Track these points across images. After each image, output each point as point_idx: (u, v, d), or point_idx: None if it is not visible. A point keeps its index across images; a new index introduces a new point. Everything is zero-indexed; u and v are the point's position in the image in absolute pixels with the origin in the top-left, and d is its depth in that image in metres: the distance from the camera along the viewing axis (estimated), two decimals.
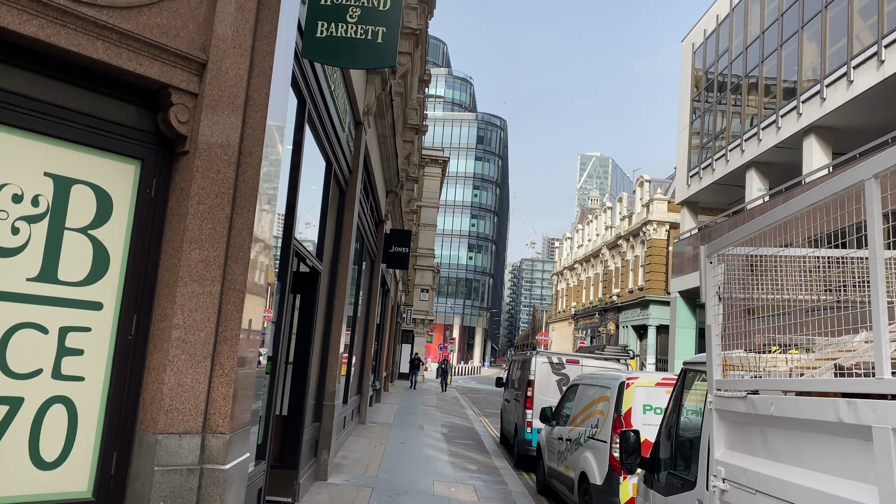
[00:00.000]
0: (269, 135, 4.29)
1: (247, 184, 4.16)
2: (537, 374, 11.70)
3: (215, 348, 4.03)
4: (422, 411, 20.41)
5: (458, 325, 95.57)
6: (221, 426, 3.99)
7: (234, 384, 4.03)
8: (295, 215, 5.98)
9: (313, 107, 6.42)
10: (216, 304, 4.02)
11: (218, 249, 4.04)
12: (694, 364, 4.84)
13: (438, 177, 46.67)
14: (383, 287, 20.25)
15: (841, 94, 21.28)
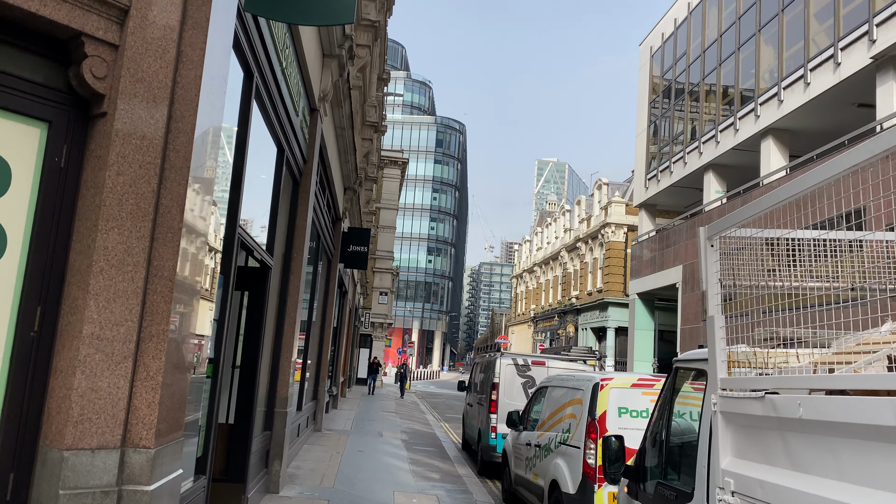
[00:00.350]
0: (205, 99, 3.68)
1: (178, 153, 3.54)
2: (502, 377, 11.22)
3: (138, 347, 3.39)
4: (381, 417, 19.75)
5: (418, 329, 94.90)
6: (145, 439, 3.36)
7: (160, 389, 3.40)
8: (240, 201, 5.36)
9: (262, 82, 5.81)
10: (139, 295, 3.39)
11: (142, 229, 3.41)
12: (687, 361, 4.38)
13: (398, 178, 46.06)
14: (341, 288, 19.57)
15: (798, 97, 21.44)
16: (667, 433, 4.39)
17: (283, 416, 8.23)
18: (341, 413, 19.83)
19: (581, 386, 7.10)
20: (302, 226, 8.49)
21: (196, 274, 3.90)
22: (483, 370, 12.73)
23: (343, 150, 12.58)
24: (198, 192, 3.79)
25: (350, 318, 28.01)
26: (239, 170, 5.37)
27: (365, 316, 39.76)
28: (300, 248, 8.46)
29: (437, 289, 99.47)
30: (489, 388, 11.43)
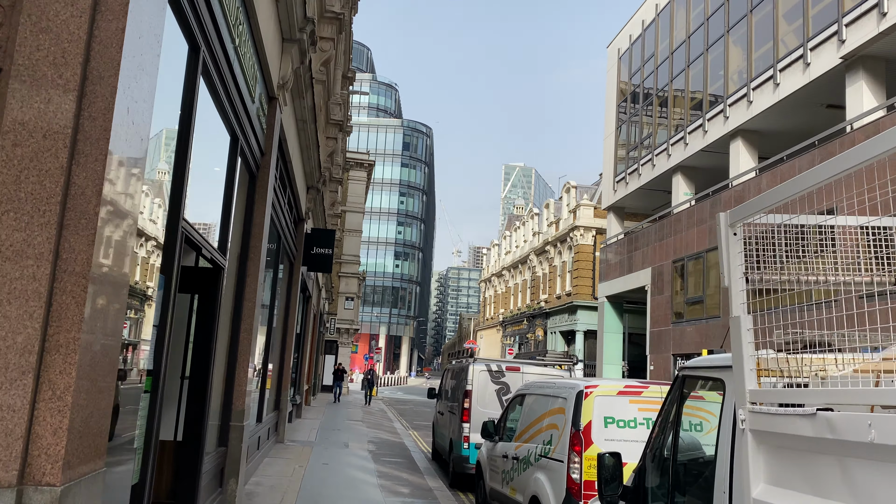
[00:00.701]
0: (131, 57, 3.05)
1: (94, 122, 2.90)
2: (475, 384, 10.65)
3: (42, 359, 2.74)
4: (346, 426, 19.03)
5: (385, 335, 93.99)
6: (50, 474, 2.70)
7: (71, 412, 2.75)
8: (184, 189, 4.70)
9: (211, 58, 5.16)
10: (43, 294, 2.74)
11: (47, 214, 2.76)
12: (698, 369, 3.86)
13: (364, 181, 45.30)
14: (304, 293, 18.82)
15: (767, 98, 21.38)
16: (674, 450, 3.87)
17: (239, 430, 7.54)
18: (305, 422, 19.06)
19: (563, 394, 6.56)
20: (259, 224, 7.83)
21: (122, 271, 3.25)
22: (454, 377, 12.13)
23: (305, 146, 11.91)
24: (123, 171, 3.15)
25: (315, 323, 27.21)
26: (183, 153, 4.71)
27: (330, 322, 38.89)
28: (257, 247, 7.78)
29: (404, 294, 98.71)
30: (461, 396, 10.85)
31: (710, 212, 23.96)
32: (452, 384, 12.17)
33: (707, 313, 23.69)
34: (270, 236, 11.05)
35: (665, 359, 26.51)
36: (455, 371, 12.26)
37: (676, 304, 26.16)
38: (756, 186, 21.35)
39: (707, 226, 24.13)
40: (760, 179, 21.19)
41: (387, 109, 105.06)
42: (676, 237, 26.46)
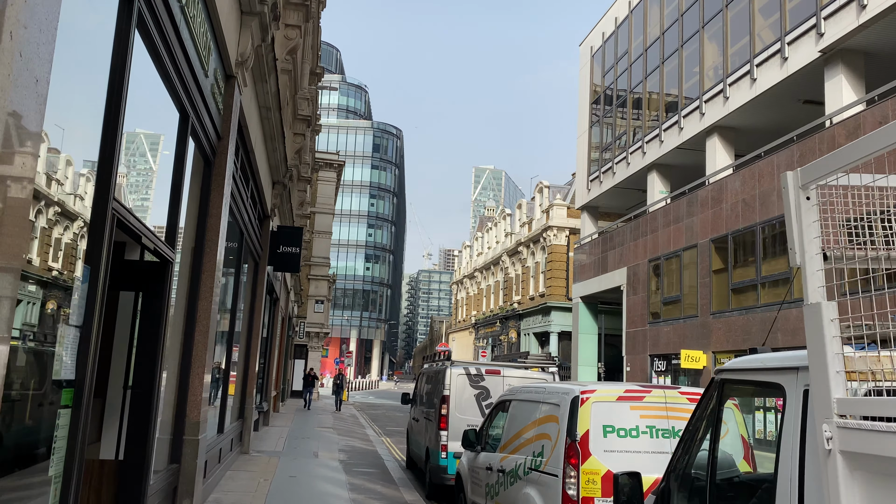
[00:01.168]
0: None
1: None
2: (453, 389, 9.95)
3: None
4: (316, 434, 18.18)
5: (356, 339, 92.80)
6: None
7: None
8: (115, 164, 3.92)
9: (150, 11, 4.39)
10: None
11: None
12: (743, 371, 3.21)
13: (334, 182, 44.36)
14: (271, 295, 17.95)
15: (744, 93, 21.11)
16: (710, 470, 3.22)
17: (193, 444, 6.74)
18: (273, 430, 18.18)
19: (555, 400, 5.90)
20: (217, 215, 7.03)
21: (13, 250, 2.48)
22: (430, 381, 11.39)
23: (270, 136, 11.11)
24: (17, 122, 2.39)
25: (283, 327, 26.27)
26: (114, 120, 3.94)
27: (300, 325, 37.89)
28: (214, 241, 6.99)
29: (375, 297, 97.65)
30: (438, 402, 10.13)
31: (687, 210, 23.64)
32: (428, 389, 11.44)
33: (684, 312, 23.34)
34: (232, 233, 10.24)
35: (642, 359, 26.12)
36: (430, 375, 11.53)
37: (653, 303, 25.80)
38: (733, 183, 21.05)
39: (683, 224, 23.81)
40: (738, 176, 20.90)
41: (356, 111, 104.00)
42: (652, 236, 26.11)
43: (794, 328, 17.78)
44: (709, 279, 22.03)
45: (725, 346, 20.74)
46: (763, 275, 19.32)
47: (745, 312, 19.89)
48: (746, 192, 20.39)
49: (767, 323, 18.79)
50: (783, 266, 18.62)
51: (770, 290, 19.15)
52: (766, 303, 19.09)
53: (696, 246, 22.89)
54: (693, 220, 23.32)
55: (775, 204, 19.01)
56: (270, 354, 20.29)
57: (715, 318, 21.43)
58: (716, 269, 21.90)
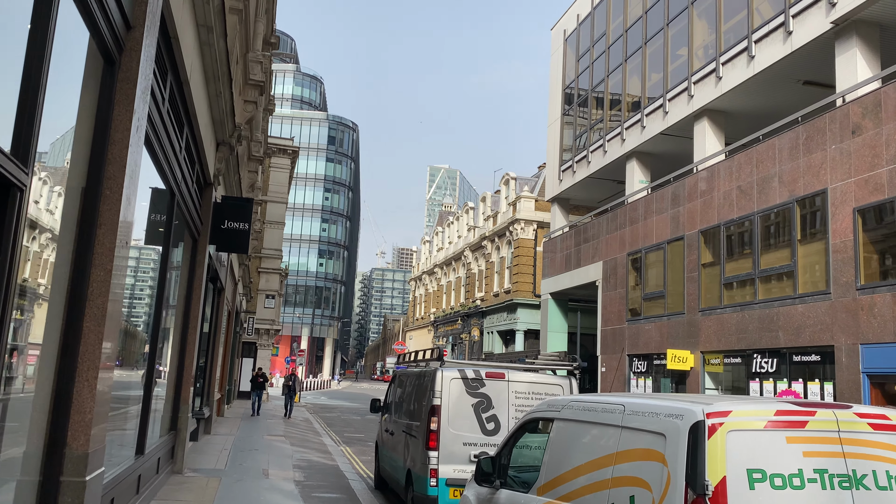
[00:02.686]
0: None
1: None
2: (446, 397, 7.79)
3: None
4: (266, 445, 15.79)
5: (307, 337, 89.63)
6: None
7: None
8: None
9: None
10: None
11: None
12: None
13: (287, 169, 41.69)
14: (214, 283, 15.49)
15: (740, 72, 19.51)
16: None
17: (77, 489, 4.42)
18: (215, 441, 15.71)
19: (657, 425, 3.72)
20: (122, 143, 4.71)
21: None
22: (412, 386, 9.16)
23: (213, 75, 8.76)
24: None
25: (230, 322, 23.68)
26: None
27: (248, 321, 35.17)
28: (118, 180, 4.67)
29: (328, 294, 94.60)
30: (426, 413, 7.96)
31: (672, 199, 22.00)
32: (410, 396, 9.21)
33: (668, 309, 21.67)
34: (160, 199, 7.87)
35: (619, 360, 24.41)
36: (412, 378, 9.30)
37: (632, 299, 24.10)
38: (727, 170, 19.45)
39: (668, 214, 22.15)
40: (732, 162, 19.29)
41: (311, 102, 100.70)
42: (631, 228, 24.42)
43: (798, 326, 16.21)
44: (697, 273, 20.39)
45: (717, 346, 19.11)
46: (762, 268, 17.72)
47: (739, 309, 18.26)
48: (742, 179, 18.78)
49: (766, 320, 17.20)
50: (785, 258, 17.03)
51: (770, 284, 17.54)
52: (765, 298, 17.48)
53: (683, 238, 21.24)
54: (679, 209, 21.67)
55: (777, 190, 17.43)
56: (214, 352, 17.79)
57: (704, 316, 19.78)
58: (705, 263, 20.27)
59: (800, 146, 16.79)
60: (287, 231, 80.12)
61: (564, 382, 8.18)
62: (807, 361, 16.24)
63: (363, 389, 74.39)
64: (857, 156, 15.10)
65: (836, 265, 15.34)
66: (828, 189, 15.78)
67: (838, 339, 15.15)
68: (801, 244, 16.65)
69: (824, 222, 15.89)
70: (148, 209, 7.30)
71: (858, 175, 15.01)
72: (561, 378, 8.23)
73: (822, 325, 15.59)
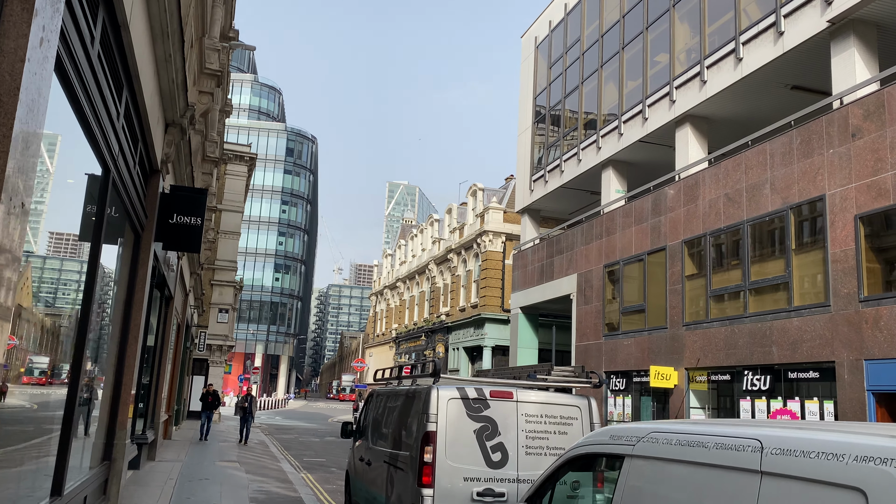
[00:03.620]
0: None
1: None
2: (442, 421, 6.35)
3: None
4: (218, 473, 14.04)
5: (262, 354, 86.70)
6: None
7: None
8: None
9: None
10: None
11: None
12: None
13: (244, 177, 39.79)
14: (162, 291, 13.77)
15: (727, 76, 18.72)
16: None
17: None
18: (160, 469, 13.91)
19: (840, 474, 2.26)
20: (17, 51, 3.23)
21: None
22: (399, 408, 7.64)
23: (161, 31, 7.25)
24: None
25: (179, 336, 21.77)
26: None
27: (200, 336, 33.05)
28: (9, 99, 3.18)
29: (284, 309, 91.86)
30: (417, 442, 6.50)
31: (653, 209, 21.05)
32: (393, 419, 7.71)
33: (649, 323, 20.62)
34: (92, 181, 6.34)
35: None
36: (398, 399, 7.81)
37: (610, 313, 23.04)
38: (712, 177, 18.58)
39: (648, 224, 21.19)
40: (718, 169, 18.43)
41: (269, 113, 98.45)
42: (609, 238, 23.42)
43: (795, 340, 15.27)
44: (681, 286, 19.40)
45: (704, 362, 18.08)
46: (752, 279, 16.78)
47: (728, 323, 17.28)
48: (730, 186, 17.90)
49: (758, 335, 16.24)
50: (778, 269, 16.12)
51: (762, 296, 16.61)
52: (757, 311, 16.52)
53: (665, 248, 20.27)
54: (660, 219, 20.72)
55: (768, 198, 16.57)
56: (161, 368, 15.98)
57: (689, 330, 18.77)
58: (689, 275, 19.31)
59: (794, 151, 15.96)
60: (242, 244, 77.58)
61: (582, 403, 6.86)
62: (804, 378, 15.27)
63: (319, 409, 72.00)
64: (858, 160, 14.29)
65: (836, 276, 14.46)
66: (826, 195, 14.93)
67: (839, 354, 14.22)
68: (797, 254, 15.77)
69: (822, 230, 15.03)
70: (71, 183, 5.75)
71: (860, 180, 14.18)
72: (578, 398, 6.91)
73: (821, 339, 14.66)
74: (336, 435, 32.36)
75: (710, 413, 18.39)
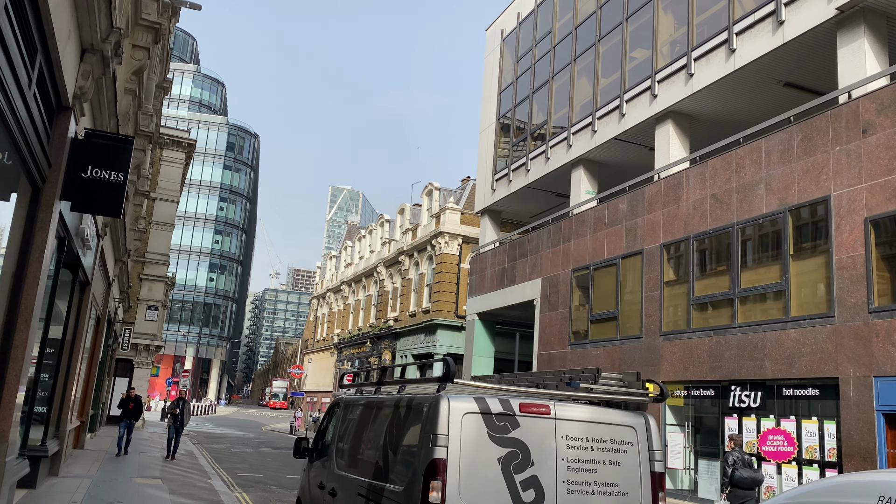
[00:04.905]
0: None
1: None
2: (455, 444, 4.40)
3: None
4: (133, 495, 11.69)
5: (192, 357, 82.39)
6: None
7: None
8: None
9: None
10: None
11: None
12: None
13: (181, 164, 36.88)
14: (74, 271, 11.39)
15: (717, 68, 17.47)
16: None
17: None
18: (62, 487, 11.47)
19: None
20: None
21: None
22: (386, 425, 5.45)
23: None
24: None
25: (99, 331, 19.10)
26: None
27: (125, 334, 30.02)
28: None
29: (218, 312, 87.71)
30: (418, 474, 4.47)
31: (628, 211, 19.64)
32: (374, 437, 5.65)
33: (622, 332, 19.15)
34: None
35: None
36: (385, 410, 5.72)
37: (577, 320, 21.51)
38: (698, 177, 17.28)
39: (623, 227, 19.77)
40: (704, 168, 17.13)
41: (211, 105, 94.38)
42: (578, 241, 21.94)
43: (791, 354, 13.96)
44: (658, 292, 18.01)
45: (683, 375, 16.68)
46: (742, 287, 15.47)
47: (713, 333, 15.93)
48: (718, 186, 16.62)
49: (748, 347, 14.91)
50: (773, 276, 14.84)
51: (753, 305, 15.30)
52: (747, 322, 15.20)
53: (642, 252, 18.88)
54: (636, 221, 19.34)
55: (763, 199, 15.32)
56: (72, 366, 13.47)
57: (667, 340, 17.37)
58: (668, 281, 17.94)
59: (794, 148, 14.75)
60: (176, 241, 73.51)
61: (638, 423, 5.10)
62: (802, 396, 13.96)
63: (252, 416, 68.60)
64: (869, 158, 13.11)
65: (841, 284, 13.21)
66: (831, 196, 13.71)
67: (844, 370, 12.94)
68: (795, 260, 14.51)
69: (826, 234, 13.79)
70: None
71: (871, 180, 12.99)
72: (632, 415, 5.14)
73: (822, 353, 13.38)
74: (273, 446, 29.86)
75: (689, 431, 16.98)
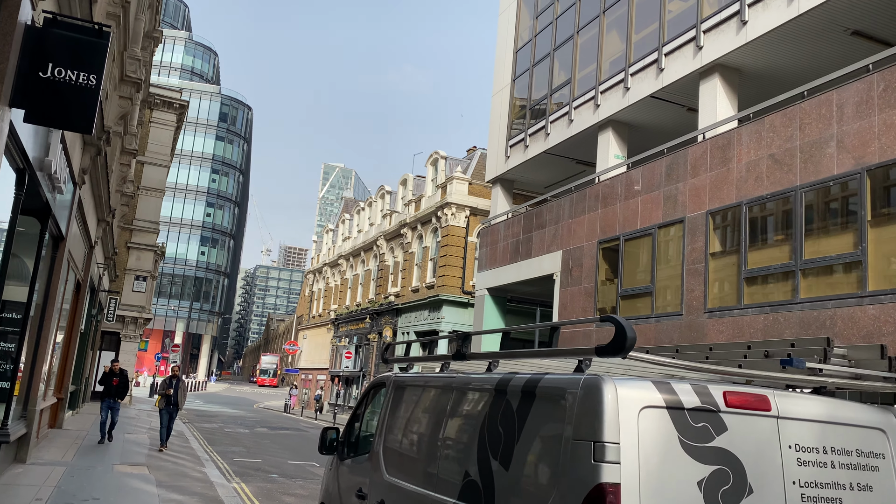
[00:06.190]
0: None
1: None
2: (632, 457, 2.62)
3: None
4: (114, 487, 9.84)
5: (183, 332, 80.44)
6: None
7: None
8: None
9: None
10: None
11: None
12: None
13: (172, 127, 34.70)
14: (41, 219, 9.44)
15: (777, 14, 15.55)
16: None
17: None
18: (29, 476, 9.62)
19: None
20: None
21: None
22: (489, 421, 3.45)
23: None
24: None
25: (79, 298, 17.16)
26: None
27: (111, 304, 28.07)
28: None
29: (209, 287, 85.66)
30: (564, 497, 2.79)
31: (667, 175, 17.79)
32: (467, 439, 3.72)
33: (658, 309, 17.39)
34: None
35: None
36: (482, 394, 3.71)
37: (604, 296, 19.75)
38: (752, 135, 15.42)
39: (661, 192, 17.92)
40: (760, 125, 15.29)
41: (203, 74, 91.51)
42: (606, 210, 20.10)
43: (868, 333, 12.21)
44: (703, 265, 16.23)
45: None
46: (806, 258, 13.69)
47: (769, 310, 14.17)
48: (777, 146, 14.77)
49: (813, 324, 13.17)
50: (846, 245, 13.06)
51: (818, 278, 13.53)
52: (811, 297, 13.45)
53: (684, 220, 17.05)
54: (677, 187, 17.49)
55: (834, 158, 13.50)
56: (43, 335, 11.55)
57: (713, 318, 15.62)
58: (715, 252, 16.16)
59: (874, 99, 12.90)
60: (166, 213, 71.22)
61: (888, 423, 3.31)
62: None
63: (243, 392, 67.02)
64: None
65: None
66: None
67: None
68: (874, 227, 12.73)
69: None
70: None
71: None
72: (880, 412, 3.34)
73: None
74: (268, 426, 28.10)
75: None
